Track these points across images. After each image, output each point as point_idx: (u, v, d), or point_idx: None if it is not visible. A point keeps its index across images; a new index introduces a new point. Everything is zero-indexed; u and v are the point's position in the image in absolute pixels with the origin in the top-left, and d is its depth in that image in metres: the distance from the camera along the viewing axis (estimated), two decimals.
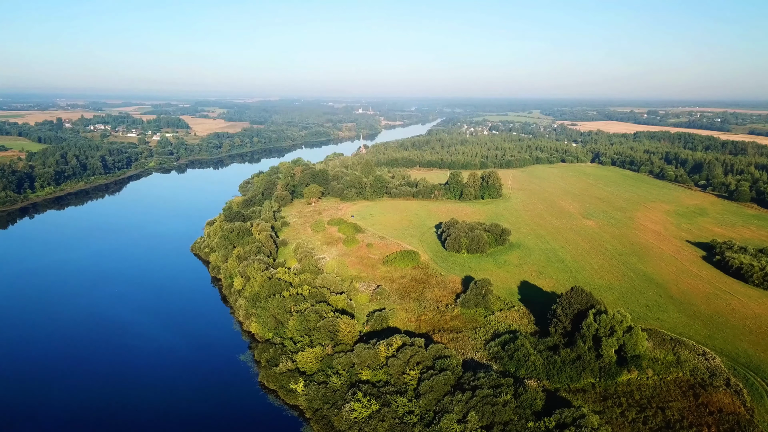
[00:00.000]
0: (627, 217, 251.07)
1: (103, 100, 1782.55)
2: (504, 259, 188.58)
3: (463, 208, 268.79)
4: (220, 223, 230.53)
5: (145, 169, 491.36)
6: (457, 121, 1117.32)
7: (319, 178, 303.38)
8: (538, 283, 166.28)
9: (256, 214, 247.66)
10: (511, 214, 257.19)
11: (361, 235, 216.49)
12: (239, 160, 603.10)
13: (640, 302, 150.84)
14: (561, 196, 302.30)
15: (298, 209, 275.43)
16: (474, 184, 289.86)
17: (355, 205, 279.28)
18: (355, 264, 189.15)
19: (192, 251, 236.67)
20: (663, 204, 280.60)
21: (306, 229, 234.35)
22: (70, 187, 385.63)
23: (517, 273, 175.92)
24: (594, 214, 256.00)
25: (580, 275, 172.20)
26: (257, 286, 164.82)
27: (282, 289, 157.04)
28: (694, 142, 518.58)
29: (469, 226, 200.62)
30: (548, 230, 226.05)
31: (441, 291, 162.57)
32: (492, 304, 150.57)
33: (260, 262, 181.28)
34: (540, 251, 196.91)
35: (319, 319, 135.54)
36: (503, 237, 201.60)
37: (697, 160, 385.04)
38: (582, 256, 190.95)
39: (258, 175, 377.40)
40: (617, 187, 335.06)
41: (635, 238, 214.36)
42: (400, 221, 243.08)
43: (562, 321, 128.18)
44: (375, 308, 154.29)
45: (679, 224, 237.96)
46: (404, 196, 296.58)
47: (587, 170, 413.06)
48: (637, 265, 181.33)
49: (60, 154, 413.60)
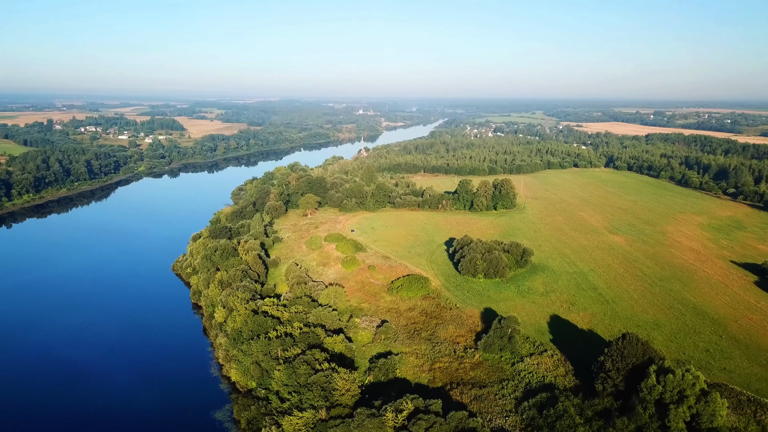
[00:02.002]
0: (657, 231, 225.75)
1: (100, 101, 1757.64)
2: (527, 286, 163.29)
3: (475, 221, 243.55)
4: (203, 240, 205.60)
5: (134, 173, 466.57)
6: (459, 122, 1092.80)
7: (317, 187, 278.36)
8: (571, 318, 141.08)
9: (245, 228, 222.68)
10: (528, 227, 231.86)
11: (362, 255, 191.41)
12: (235, 163, 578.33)
13: (698, 345, 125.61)
14: (580, 206, 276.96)
15: (293, 221, 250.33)
16: (486, 194, 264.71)
17: (355, 217, 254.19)
18: (355, 291, 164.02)
19: (173, 270, 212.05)
20: (693, 216, 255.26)
21: (300, 246, 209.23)
22: (51, 194, 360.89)
23: (544, 304, 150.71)
24: (620, 228, 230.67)
25: (618, 307, 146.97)
26: (240, 321, 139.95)
27: (268, 327, 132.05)
28: (711, 145, 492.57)
29: (486, 245, 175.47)
30: (572, 248, 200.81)
31: (457, 329, 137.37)
32: (520, 348, 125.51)
33: (245, 289, 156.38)
34: (567, 275, 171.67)
35: (311, 372, 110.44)
36: (525, 258, 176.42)
37: (721, 166, 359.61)
38: (616, 282, 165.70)
39: (251, 182, 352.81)
40: (639, 195, 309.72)
41: (672, 258, 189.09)
42: (406, 237, 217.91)
43: (612, 378, 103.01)
44: (379, 351, 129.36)
45: (717, 240, 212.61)
46: (409, 207, 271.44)
47: (603, 176, 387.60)
48: (683, 293, 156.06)
49: (41, 158, 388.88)
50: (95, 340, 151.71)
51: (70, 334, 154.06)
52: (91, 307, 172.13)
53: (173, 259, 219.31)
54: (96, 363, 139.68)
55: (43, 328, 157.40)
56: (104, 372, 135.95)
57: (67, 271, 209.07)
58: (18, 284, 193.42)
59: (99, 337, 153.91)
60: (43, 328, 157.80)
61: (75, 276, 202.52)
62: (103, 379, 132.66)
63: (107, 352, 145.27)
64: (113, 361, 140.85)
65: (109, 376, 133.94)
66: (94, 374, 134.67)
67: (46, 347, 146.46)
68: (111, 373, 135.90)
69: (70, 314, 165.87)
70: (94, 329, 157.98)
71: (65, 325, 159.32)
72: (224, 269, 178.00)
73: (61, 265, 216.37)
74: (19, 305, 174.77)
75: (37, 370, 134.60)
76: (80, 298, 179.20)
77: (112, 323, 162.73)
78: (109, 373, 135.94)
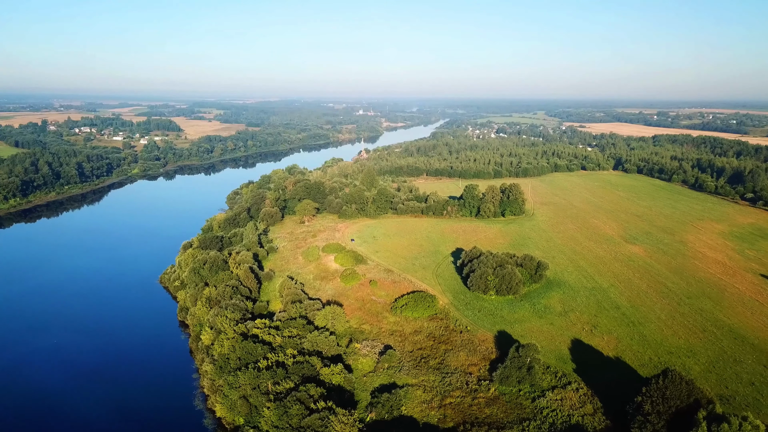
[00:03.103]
0: (677, 240, 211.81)
1: (99, 101, 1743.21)
2: (543, 304, 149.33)
3: (482, 229, 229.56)
4: (192, 251, 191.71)
5: (128, 176, 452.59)
6: (461, 123, 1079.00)
7: (315, 192, 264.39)
8: (594, 343, 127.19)
9: (237, 238, 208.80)
10: (539, 236, 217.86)
11: (363, 267, 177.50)
12: (232, 165, 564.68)
13: (741, 377, 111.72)
14: (592, 212, 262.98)
15: (289, 229, 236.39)
16: (493, 200, 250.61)
17: (355, 224, 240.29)
18: (354, 310, 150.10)
19: (161, 283, 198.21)
20: (713, 223, 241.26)
21: (296, 257, 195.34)
22: (39, 198, 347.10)
23: (563, 326, 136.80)
24: (637, 237, 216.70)
25: (646, 330, 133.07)
26: (227, 346, 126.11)
27: (258, 355, 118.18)
28: (722, 147, 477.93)
29: (498, 259, 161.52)
30: (589, 260, 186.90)
31: (469, 356, 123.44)
32: (540, 380, 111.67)
33: (235, 308, 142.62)
34: (586, 291, 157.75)
35: (305, 412, 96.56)
36: (539, 272, 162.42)
37: (736, 169, 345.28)
38: (640, 300, 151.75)
39: (247, 185, 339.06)
40: (653, 200, 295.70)
41: (697, 271, 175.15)
42: (409, 247, 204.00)
43: (652, 422, 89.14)
44: (382, 382, 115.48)
45: (743, 251, 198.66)
46: (412, 213, 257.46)
47: (612, 179, 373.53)
48: (715, 313, 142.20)
49: (30, 161, 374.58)
50: (68, 366, 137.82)
51: (40, 360, 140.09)
52: (67, 327, 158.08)
53: (162, 270, 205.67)
54: (68, 392, 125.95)
55: (8, 353, 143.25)
56: (76, 402, 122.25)
57: (45, 284, 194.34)
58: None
59: (73, 362, 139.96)
60: (9, 352, 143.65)
61: (53, 290, 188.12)
62: (74, 410, 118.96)
63: (81, 380, 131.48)
64: (88, 390, 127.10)
65: (81, 407, 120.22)
66: (65, 405, 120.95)
67: (11, 375, 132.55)
68: (84, 403, 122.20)
69: (43, 336, 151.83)
70: (67, 353, 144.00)
71: (36, 349, 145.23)
72: (213, 284, 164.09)
73: (38, 278, 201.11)
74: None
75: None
76: (56, 317, 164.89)
77: (88, 345, 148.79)
78: (83, 403, 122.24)
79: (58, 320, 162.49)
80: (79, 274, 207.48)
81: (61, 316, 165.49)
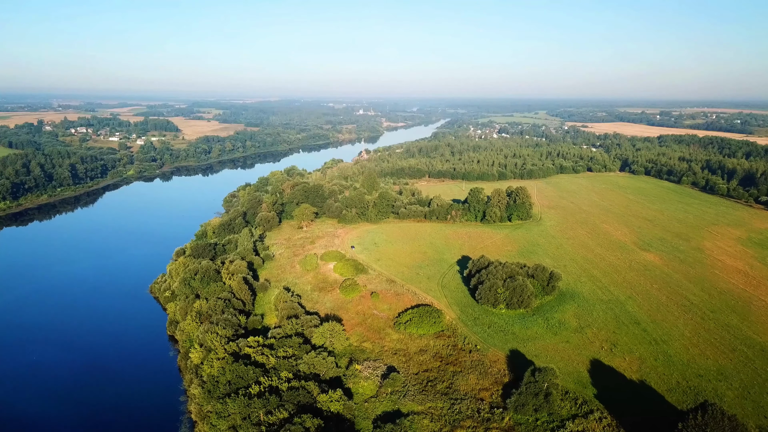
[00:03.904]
0: (693, 247, 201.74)
1: (99, 101, 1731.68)
2: (557, 319, 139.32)
3: (489, 235, 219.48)
4: (184, 260, 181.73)
5: (123, 177, 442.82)
6: (462, 123, 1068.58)
7: (313, 195, 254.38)
8: (615, 364, 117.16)
9: (231, 245, 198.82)
10: (548, 243, 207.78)
11: (364, 277, 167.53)
12: (230, 166, 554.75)
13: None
14: (602, 216, 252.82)
15: (287, 235, 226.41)
16: (500, 203, 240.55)
17: (355, 230, 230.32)
18: (355, 325, 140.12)
19: (151, 293, 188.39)
20: (729, 228, 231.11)
21: (294, 266, 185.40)
22: (30, 201, 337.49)
23: (580, 344, 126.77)
24: (651, 243, 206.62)
25: (670, 349, 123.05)
26: (217, 367, 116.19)
27: (250, 379, 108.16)
28: (731, 147, 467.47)
29: (508, 269, 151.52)
30: (602, 269, 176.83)
31: (480, 379, 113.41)
32: (559, 408, 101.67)
33: (227, 324, 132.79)
34: (602, 305, 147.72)
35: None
36: (551, 284, 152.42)
37: (747, 171, 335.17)
38: (661, 314, 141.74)
39: (244, 188, 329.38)
40: (663, 203, 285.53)
41: (719, 282, 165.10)
42: (412, 254, 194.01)
43: None
44: (385, 410, 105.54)
45: (764, 259, 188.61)
46: (415, 218, 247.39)
47: (620, 181, 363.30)
48: (743, 329, 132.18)
49: (22, 162, 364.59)
50: (45, 387, 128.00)
51: (14, 380, 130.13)
52: (48, 343, 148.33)
53: (153, 278, 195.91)
54: (43, 417, 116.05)
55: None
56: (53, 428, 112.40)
57: (28, 295, 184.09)
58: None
59: (51, 382, 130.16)
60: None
61: (37, 301, 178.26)
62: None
63: (59, 403, 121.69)
64: (65, 416, 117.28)
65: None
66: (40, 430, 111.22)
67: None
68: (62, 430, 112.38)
69: (19, 354, 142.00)
70: (45, 372, 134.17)
71: (10, 369, 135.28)
72: (204, 297, 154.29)
73: (21, 287, 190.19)
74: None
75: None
76: (36, 332, 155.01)
77: (69, 363, 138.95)
78: (60, 429, 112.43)
79: (38, 335, 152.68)
80: (66, 282, 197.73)
81: (42, 331, 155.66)
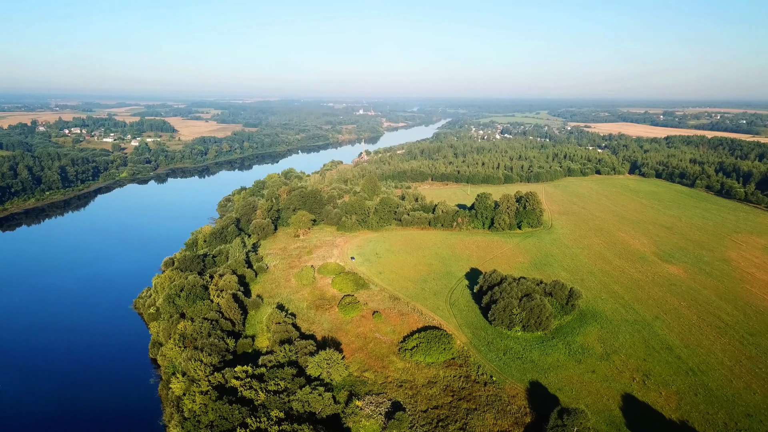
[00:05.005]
0: (718, 258, 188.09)
1: (97, 101, 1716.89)
2: (580, 344, 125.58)
3: (498, 244, 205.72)
4: (170, 273, 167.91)
5: (115, 180, 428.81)
6: (463, 123, 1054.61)
7: (311, 201, 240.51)
8: (650, 400, 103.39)
9: (222, 257, 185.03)
10: (562, 254, 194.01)
11: (365, 294, 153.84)
12: (227, 167, 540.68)
13: None
14: (616, 223, 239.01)
15: (282, 244, 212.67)
16: (508, 210, 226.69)
17: (356, 238, 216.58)
18: (355, 351, 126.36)
19: (135, 308, 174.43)
20: (753, 236, 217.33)
21: (289, 280, 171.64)
22: (17, 205, 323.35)
23: (608, 374, 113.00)
24: (673, 254, 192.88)
25: (710, 380, 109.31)
26: (199, 403, 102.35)
27: (235, 420, 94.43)
28: (742, 149, 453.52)
29: (523, 287, 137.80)
30: (623, 284, 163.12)
31: (498, 418, 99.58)
32: None
33: (212, 349, 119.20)
34: (627, 326, 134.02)
35: None
36: (571, 302, 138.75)
37: (764, 173, 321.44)
38: (694, 337, 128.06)
39: (240, 192, 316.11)
40: (679, 209, 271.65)
41: (752, 298, 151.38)
42: (417, 266, 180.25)
43: None
44: None
45: None
46: (418, 225, 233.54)
47: (631, 185, 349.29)
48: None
49: (9, 165, 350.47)
50: (9, 420, 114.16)
51: None
52: (17, 369, 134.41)
53: (139, 291, 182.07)
54: None
55: None
56: None
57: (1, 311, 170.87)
58: None
59: (16, 415, 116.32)
60: None
61: (10, 318, 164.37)
62: None
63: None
64: None
65: None
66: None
67: None
68: None
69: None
70: (11, 403, 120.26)
71: None
72: (190, 317, 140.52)
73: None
74: None
75: None
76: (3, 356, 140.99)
77: (38, 393, 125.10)
78: None
79: (5, 360, 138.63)
80: (47, 296, 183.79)
81: (10, 355, 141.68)
